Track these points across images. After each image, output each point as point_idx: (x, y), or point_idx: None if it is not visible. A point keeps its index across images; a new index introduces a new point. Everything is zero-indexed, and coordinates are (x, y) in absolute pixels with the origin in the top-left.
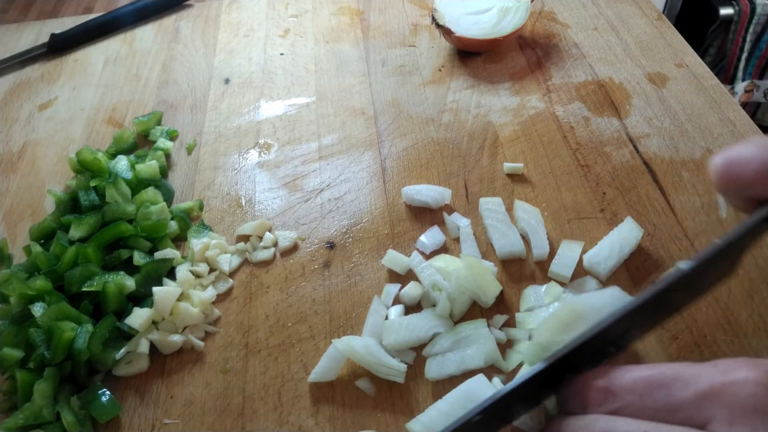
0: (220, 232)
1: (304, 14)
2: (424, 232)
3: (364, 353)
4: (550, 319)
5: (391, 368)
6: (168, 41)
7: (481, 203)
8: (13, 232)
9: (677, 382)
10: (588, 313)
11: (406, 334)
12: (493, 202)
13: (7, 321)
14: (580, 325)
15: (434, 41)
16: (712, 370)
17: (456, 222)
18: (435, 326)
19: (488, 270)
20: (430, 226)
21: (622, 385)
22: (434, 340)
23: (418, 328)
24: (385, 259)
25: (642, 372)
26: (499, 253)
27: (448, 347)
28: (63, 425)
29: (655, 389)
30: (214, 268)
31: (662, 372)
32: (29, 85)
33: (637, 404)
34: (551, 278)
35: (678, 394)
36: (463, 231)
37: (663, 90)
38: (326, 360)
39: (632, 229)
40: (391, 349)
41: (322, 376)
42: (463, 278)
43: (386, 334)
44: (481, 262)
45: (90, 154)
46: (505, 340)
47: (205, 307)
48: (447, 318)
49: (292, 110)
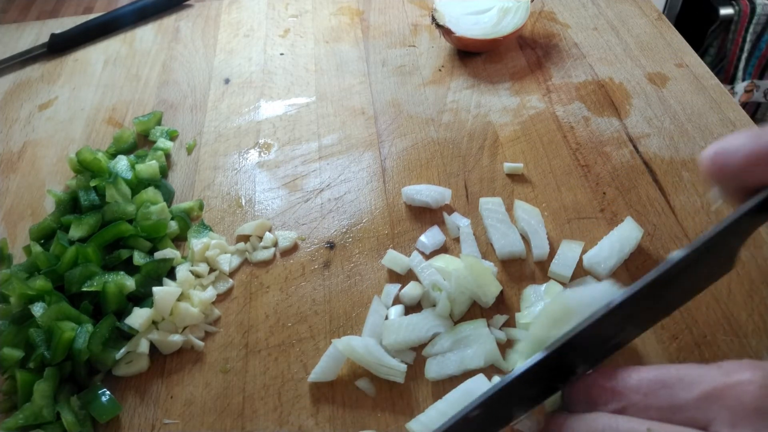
0: (220, 232)
1: (304, 14)
2: (424, 232)
3: (363, 353)
4: (542, 314)
5: (392, 368)
6: (168, 41)
7: (481, 203)
8: (13, 232)
9: (681, 383)
10: (579, 308)
11: (406, 334)
12: (493, 202)
13: (7, 321)
14: (572, 320)
15: (434, 41)
16: (716, 371)
17: (456, 222)
18: (435, 326)
19: (488, 270)
20: (430, 226)
21: (629, 385)
22: (434, 340)
23: (418, 328)
24: (385, 259)
25: (648, 373)
26: (499, 253)
27: (448, 347)
28: (63, 425)
29: (660, 389)
30: (214, 268)
31: (668, 373)
32: (29, 85)
33: (642, 403)
34: (551, 278)
35: (681, 394)
36: (463, 231)
37: (663, 90)
38: (326, 360)
39: (632, 229)
40: (391, 349)
41: (322, 376)
42: (463, 278)
43: (386, 334)
44: (481, 262)
45: (90, 154)
46: (505, 340)
47: (205, 307)
48: (447, 318)
49: (292, 110)
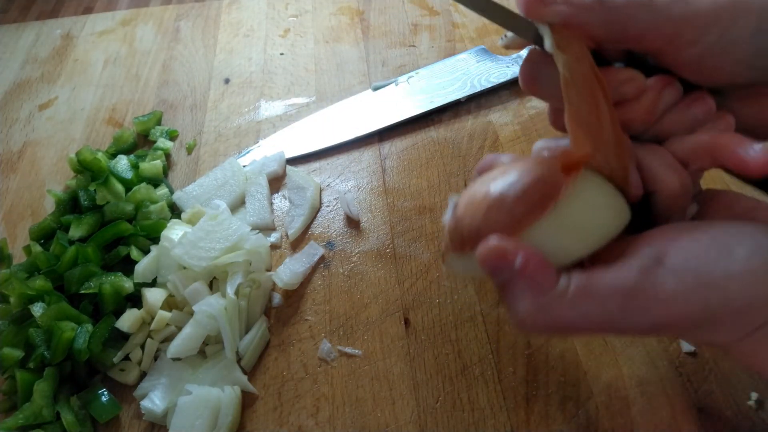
0: None
1: (304, 14)
2: (424, 231)
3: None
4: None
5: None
6: (168, 41)
7: None
8: (13, 232)
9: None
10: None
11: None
12: None
13: (7, 321)
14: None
15: (434, 41)
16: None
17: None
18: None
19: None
20: (431, 226)
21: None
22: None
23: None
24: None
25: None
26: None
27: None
28: (63, 425)
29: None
30: None
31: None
32: (29, 85)
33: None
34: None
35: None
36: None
37: None
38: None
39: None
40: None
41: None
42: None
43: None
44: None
45: (90, 154)
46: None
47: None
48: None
49: (292, 110)
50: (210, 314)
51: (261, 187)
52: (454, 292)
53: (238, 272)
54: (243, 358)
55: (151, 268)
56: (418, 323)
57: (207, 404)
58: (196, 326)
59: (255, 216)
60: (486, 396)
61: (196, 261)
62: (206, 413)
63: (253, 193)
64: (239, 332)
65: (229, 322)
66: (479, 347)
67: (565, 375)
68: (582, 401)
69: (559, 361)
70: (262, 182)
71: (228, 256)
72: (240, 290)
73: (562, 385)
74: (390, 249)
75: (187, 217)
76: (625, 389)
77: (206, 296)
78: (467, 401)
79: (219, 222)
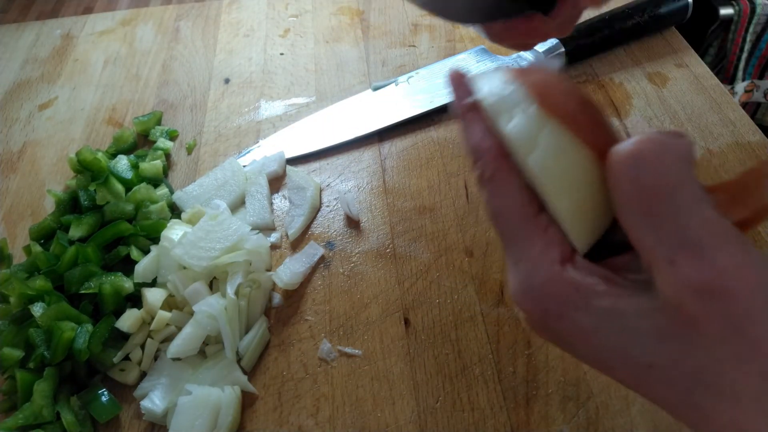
0: None
1: (304, 14)
2: (424, 231)
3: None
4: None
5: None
6: (168, 41)
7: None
8: (13, 232)
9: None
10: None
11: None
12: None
13: (7, 321)
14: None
15: (434, 41)
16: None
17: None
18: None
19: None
20: (431, 226)
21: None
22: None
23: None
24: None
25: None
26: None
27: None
28: (63, 425)
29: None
30: None
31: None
32: (29, 85)
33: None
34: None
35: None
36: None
37: (663, 90)
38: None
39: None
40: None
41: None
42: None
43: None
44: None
45: (90, 154)
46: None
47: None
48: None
49: (292, 110)
50: (210, 314)
51: (261, 187)
52: (454, 292)
53: (238, 272)
54: (243, 358)
55: (151, 268)
56: (418, 323)
57: (207, 404)
58: (196, 326)
59: (255, 216)
60: (486, 396)
61: (196, 261)
62: (206, 413)
63: (253, 193)
64: (239, 332)
65: (229, 322)
66: (479, 347)
67: (565, 375)
68: (582, 401)
69: (559, 361)
70: (262, 182)
71: (228, 256)
72: (240, 290)
73: (562, 385)
74: (390, 249)
75: (187, 217)
76: (625, 389)
77: (206, 296)
78: (467, 401)
79: (219, 222)
